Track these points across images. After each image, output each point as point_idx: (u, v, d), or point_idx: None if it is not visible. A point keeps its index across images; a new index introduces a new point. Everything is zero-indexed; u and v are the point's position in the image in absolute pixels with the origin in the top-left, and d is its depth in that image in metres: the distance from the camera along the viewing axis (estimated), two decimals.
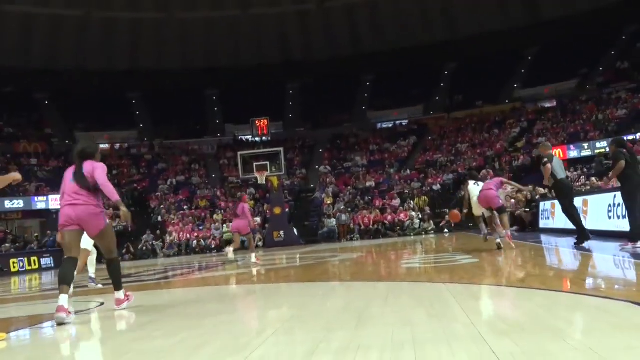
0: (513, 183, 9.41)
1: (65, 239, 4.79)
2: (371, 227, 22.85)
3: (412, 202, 23.99)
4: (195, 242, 23.05)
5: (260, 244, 22.50)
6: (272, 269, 9.60)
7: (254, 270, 9.38)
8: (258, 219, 24.74)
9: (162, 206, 26.61)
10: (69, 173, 4.92)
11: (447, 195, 25.00)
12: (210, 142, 34.58)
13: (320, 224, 23.88)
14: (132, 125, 34.66)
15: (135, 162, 31.52)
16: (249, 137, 33.28)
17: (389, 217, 23.10)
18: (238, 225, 11.76)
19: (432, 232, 21.72)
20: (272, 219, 22.67)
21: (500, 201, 8.74)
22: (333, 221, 23.27)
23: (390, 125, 35.19)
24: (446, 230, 21.36)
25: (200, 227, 24.36)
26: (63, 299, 4.51)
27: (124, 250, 21.82)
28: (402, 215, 23.00)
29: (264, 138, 27.35)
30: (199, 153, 33.37)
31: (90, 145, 5.07)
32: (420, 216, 22.58)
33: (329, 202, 25.47)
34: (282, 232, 22.00)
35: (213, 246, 23.00)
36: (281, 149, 23.31)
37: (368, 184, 27.12)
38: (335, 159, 31.35)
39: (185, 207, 26.67)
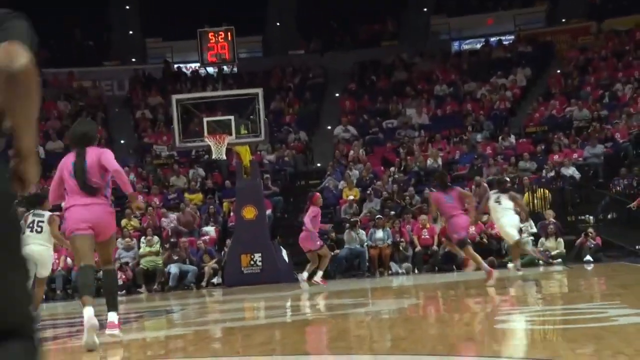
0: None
1: (77, 244, 8.12)
2: (436, 247, 22.87)
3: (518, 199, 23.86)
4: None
5: (215, 280, 22.51)
6: (237, 329, 9.68)
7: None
8: (211, 230, 24.66)
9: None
10: (68, 164, 8.23)
11: (589, 188, 24.79)
12: (115, 74, 34.53)
13: (334, 241, 23.76)
14: None
15: None
16: (194, 66, 33.06)
17: (473, 230, 22.99)
18: (306, 240, 17.66)
19: (561, 260, 21.65)
20: (238, 230, 22.56)
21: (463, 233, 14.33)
22: (361, 234, 23.15)
23: (478, 47, 34.93)
24: (588, 257, 21.24)
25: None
26: (90, 311, 7.58)
27: None
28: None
29: (224, 68, 27.15)
30: (93, 96, 33.31)
31: (93, 128, 8.90)
32: (534, 228, 22.46)
33: (351, 196, 25.34)
34: (257, 257, 21.86)
35: (121, 282, 22.99)
36: (259, 90, 23.10)
37: (430, 162, 26.99)
38: (365, 112, 31.29)
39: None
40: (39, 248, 11.43)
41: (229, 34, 23.81)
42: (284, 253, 22.55)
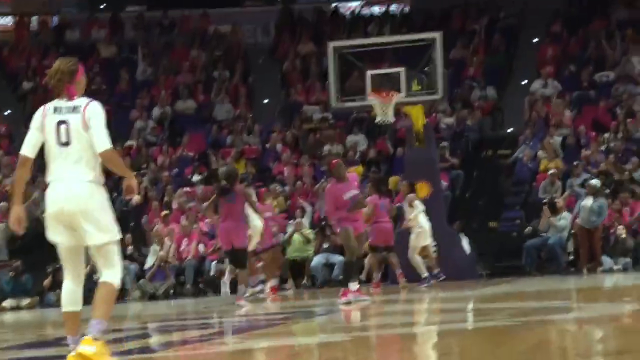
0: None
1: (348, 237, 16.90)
2: None
3: None
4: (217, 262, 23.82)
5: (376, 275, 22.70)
6: (407, 336, 9.71)
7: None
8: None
9: (138, 174, 27.34)
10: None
11: None
12: (259, 16, 35.12)
13: (527, 226, 23.71)
14: None
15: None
16: (355, 6, 33.34)
17: None
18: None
19: None
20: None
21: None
22: (562, 221, 22.88)
23: None
24: None
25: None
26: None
27: (46, 281, 23.17)
28: None
29: (393, 8, 27.32)
30: (232, 42, 33.96)
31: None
32: None
33: (552, 169, 25.04)
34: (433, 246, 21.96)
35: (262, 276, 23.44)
36: (436, 35, 23.19)
37: None
38: (573, 61, 30.95)
39: (195, 177, 27.48)
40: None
41: None
42: (465, 242, 22.68)
